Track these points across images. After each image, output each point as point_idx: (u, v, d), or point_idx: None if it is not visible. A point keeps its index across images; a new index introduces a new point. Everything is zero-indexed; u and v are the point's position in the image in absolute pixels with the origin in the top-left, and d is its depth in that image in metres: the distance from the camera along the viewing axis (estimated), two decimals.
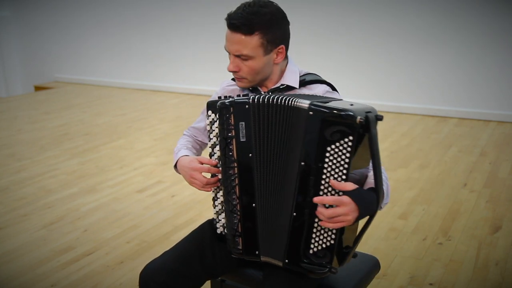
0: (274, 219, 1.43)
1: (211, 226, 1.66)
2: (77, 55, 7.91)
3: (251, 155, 1.43)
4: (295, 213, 1.36)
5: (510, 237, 2.83)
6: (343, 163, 1.27)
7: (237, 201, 1.46)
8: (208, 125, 1.53)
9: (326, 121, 1.27)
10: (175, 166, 1.67)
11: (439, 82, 5.47)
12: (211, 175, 1.55)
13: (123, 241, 2.87)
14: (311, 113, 1.30)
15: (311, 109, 1.30)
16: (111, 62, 7.58)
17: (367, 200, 1.28)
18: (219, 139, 1.47)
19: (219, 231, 1.59)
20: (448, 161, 4.07)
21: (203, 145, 1.82)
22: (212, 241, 1.61)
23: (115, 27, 7.41)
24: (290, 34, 1.58)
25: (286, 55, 1.59)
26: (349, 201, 1.26)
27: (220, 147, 1.47)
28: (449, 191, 3.49)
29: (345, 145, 1.25)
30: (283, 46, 1.55)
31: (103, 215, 3.20)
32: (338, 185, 1.28)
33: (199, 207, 3.29)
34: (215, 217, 1.59)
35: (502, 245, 2.73)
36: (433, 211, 3.17)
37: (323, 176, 1.29)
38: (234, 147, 1.44)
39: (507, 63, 5.14)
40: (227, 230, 1.52)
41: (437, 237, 2.84)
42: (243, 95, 1.48)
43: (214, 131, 1.51)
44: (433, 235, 2.87)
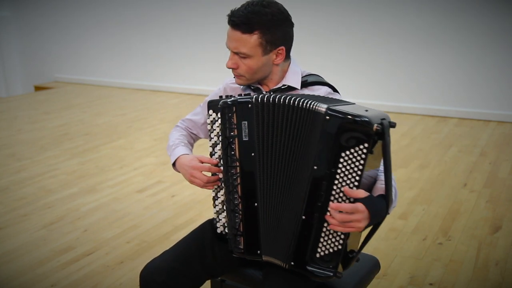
0: (277, 219, 1.43)
1: (211, 225, 1.66)
2: (77, 55, 7.91)
3: (253, 154, 1.43)
4: (304, 217, 1.35)
5: (510, 237, 2.83)
6: (356, 170, 1.26)
7: (239, 201, 1.46)
8: (209, 124, 1.52)
9: (342, 126, 1.26)
10: (173, 164, 1.67)
11: (439, 82, 5.47)
12: (211, 174, 1.55)
13: (123, 241, 2.87)
14: (327, 117, 1.28)
15: (328, 113, 1.29)
16: (111, 62, 7.58)
17: (378, 207, 1.29)
18: (221, 138, 1.47)
19: (219, 230, 1.58)
20: (448, 161, 4.07)
21: (196, 138, 1.82)
22: (212, 240, 1.61)
23: (115, 27, 7.41)
24: (293, 35, 1.57)
25: (288, 56, 1.59)
26: (363, 209, 1.27)
27: (222, 146, 1.47)
28: (449, 191, 3.49)
29: (360, 152, 1.25)
30: (283, 47, 1.54)
31: (103, 215, 3.20)
32: (351, 193, 1.27)
33: (199, 207, 3.29)
34: (215, 216, 1.58)
35: (502, 245, 2.73)
36: (433, 211, 3.17)
37: (336, 181, 1.29)
38: (236, 146, 1.44)
39: (507, 63, 5.14)
40: (228, 229, 1.52)
41: (437, 237, 2.84)
42: (244, 94, 1.48)
43: (215, 130, 1.51)
44: (433, 235, 2.87)
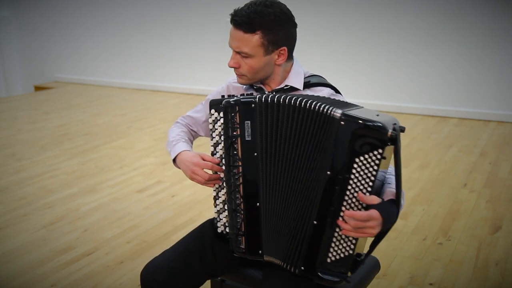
0: (280, 220, 1.43)
1: (211, 225, 1.65)
2: (77, 55, 7.90)
3: (256, 154, 1.42)
4: (316, 222, 1.34)
5: (510, 237, 2.83)
6: (370, 175, 1.26)
7: (241, 200, 1.46)
8: (210, 124, 1.52)
9: (357, 132, 1.25)
10: (174, 159, 1.66)
11: (439, 82, 5.47)
12: (212, 173, 1.55)
13: (123, 241, 2.87)
14: (342, 123, 1.28)
15: (343, 119, 1.28)
16: (111, 62, 7.58)
17: (390, 213, 1.30)
18: (223, 137, 1.47)
19: (220, 230, 1.58)
20: (448, 161, 4.07)
21: (196, 136, 1.82)
22: (212, 240, 1.61)
23: (115, 27, 7.41)
24: (296, 36, 1.57)
25: (290, 56, 1.59)
26: (378, 216, 1.27)
27: (224, 146, 1.47)
28: (449, 191, 3.49)
29: (374, 158, 1.25)
30: (285, 48, 1.54)
31: (103, 215, 3.20)
32: (365, 199, 1.27)
33: (199, 207, 3.29)
34: (216, 216, 1.58)
35: (502, 245, 2.74)
36: (433, 211, 3.17)
37: (349, 187, 1.29)
38: (239, 146, 1.44)
39: (507, 63, 5.14)
40: (229, 229, 1.52)
41: (437, 237, 2.84)
42: (247, 94, 1.48)
43: (217, 129, 1.50)
44: (433, 235, 2.87)
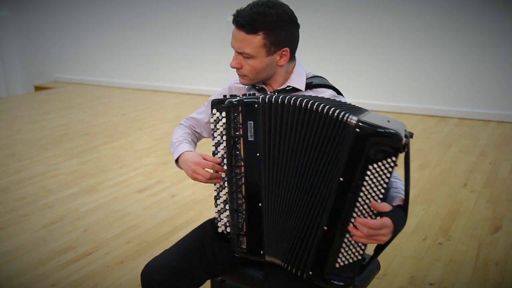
0: (283, 221, 1.42)
1: (212, 225, 1.65)
2: (77, 55, 7.90)
3: (258, 154, 1.42)
4: (326, 228, 1.34)
5: (510, 237, 2.83)
6: (382, 183, 1.27)
7: (243, 200, 1.46)
8: (212, 123, 1.52)
9: (373, 140, 1.25)
10: (176, 160, 1.66)
11: (439, 82, 5.46)
12: (214, 172, 1.55)
13: (123, 241, 2.87)
14: (358, 130, 1.26)
15: (359, 126, 1.26)
16: (111, 62, 7.58)
17: (400, 220, 1.31)
18: (226, 137, 1.46)
19: (220, 230, 1.58)
20: (448, 161, 4.07)
21: (200, 137, 1.82)
22: (213, 240, 1.61)
23: (115, 27, 7.41)
24: (298, 37, 1.57)
25: (293, 57, 1.59)
26: (390, 224, 1.27)
27: (226, 146, 1.47)
28: (449, 191, 3.49)
29: (387, 165, 1.25)
30: (287, 48, 1.54)
31: (103, 215, 3.20)
32: (378, 207, 1.27)
33: (199, 207, 3.29)
34: (216, 216, 1.58)
35: (502, 245, 2.73)
36: (433, 211, 3.17)
37: (361, 193, 1.29)
38: (241, 146, 1.43)
39: (507, 63, 5.14)
40: (230, 229, 1.52)
41: (437, 237, 2.84)
42: (249, 94, 1.48)
43: (218, 129, 1.50)
44: (433, 235, 2.87)
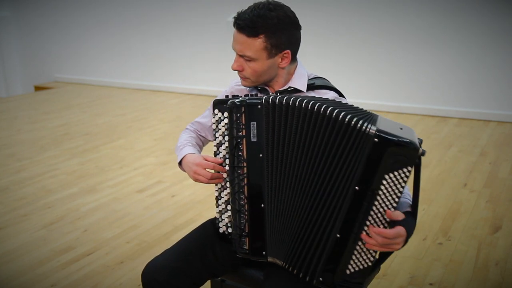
0: (286, 223, 1.42)
1: (213, 225, 1.65)
2: (77, 55, 7.90)
3: (261, 155, 1.42)
4: (339, 235, 1.34)
5: (510, 237, 2.83)
6: (397, 192, 1.27)
7: (245, 201, 1.45)
8: (214, 124, 1.51)
9: (391, 150, 1.25)
10: (180, 163, 1.66)
11: (439, 82, 5.46)
12: (215, 172, 1.54)
13: (123, 241, 2.87)
14: (376, 140, 1.25)
15: (378, 135, 1.25)
16: (111, 62, 7.58)
17: (411, 228, 1.32)
18: (228, 138, 1.46)
19: (221, 230, 1.58)
20: (448, 161, 4.07)
21: (205, 141, 1.81)
22: (213, 240, 1.61)
23: (115, 27, 7.41)
24: (300, 38, 1.57)
25: (294, 59, 1.59)
26: (404, 233, 1.28)
27: (229, 147, 1.46)
28: (449, 191, 3.49)
29: (403, 175, 1.25)
30: (288, 51, 1.53)
31: (103, 215, 3.20)
32: (392, 216, 1.28)
33: (199, 207, 3.29)
34: (217, 216, 1.58)
35: (502, 245, 2.74)
36: (433, 211, 3.17)
37: (376, 202, 1.29)
38: (244, 147, 1.43)
39: (507, 63, 5.14)
40: (232, 229, 1.51)
41: (437, 237, 2.84)
42: (251, 95, 1.47)
43: (220, 130, 1.50)
44: (433, 235, 2.87)
